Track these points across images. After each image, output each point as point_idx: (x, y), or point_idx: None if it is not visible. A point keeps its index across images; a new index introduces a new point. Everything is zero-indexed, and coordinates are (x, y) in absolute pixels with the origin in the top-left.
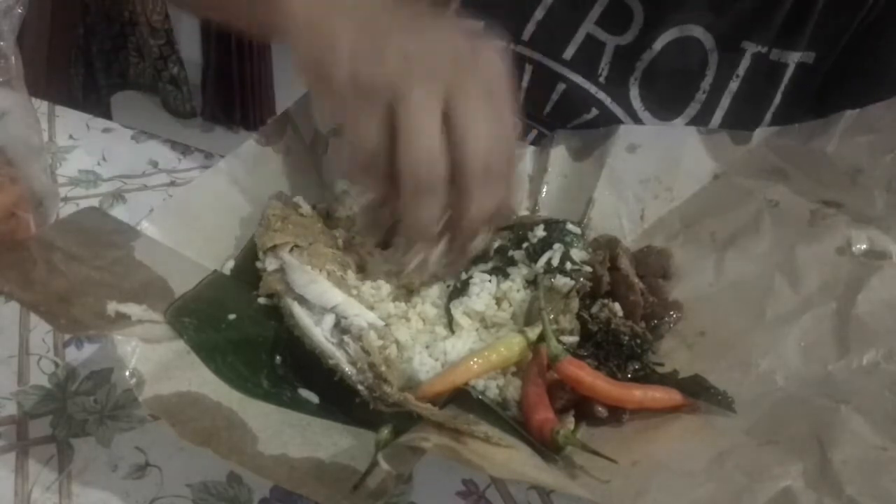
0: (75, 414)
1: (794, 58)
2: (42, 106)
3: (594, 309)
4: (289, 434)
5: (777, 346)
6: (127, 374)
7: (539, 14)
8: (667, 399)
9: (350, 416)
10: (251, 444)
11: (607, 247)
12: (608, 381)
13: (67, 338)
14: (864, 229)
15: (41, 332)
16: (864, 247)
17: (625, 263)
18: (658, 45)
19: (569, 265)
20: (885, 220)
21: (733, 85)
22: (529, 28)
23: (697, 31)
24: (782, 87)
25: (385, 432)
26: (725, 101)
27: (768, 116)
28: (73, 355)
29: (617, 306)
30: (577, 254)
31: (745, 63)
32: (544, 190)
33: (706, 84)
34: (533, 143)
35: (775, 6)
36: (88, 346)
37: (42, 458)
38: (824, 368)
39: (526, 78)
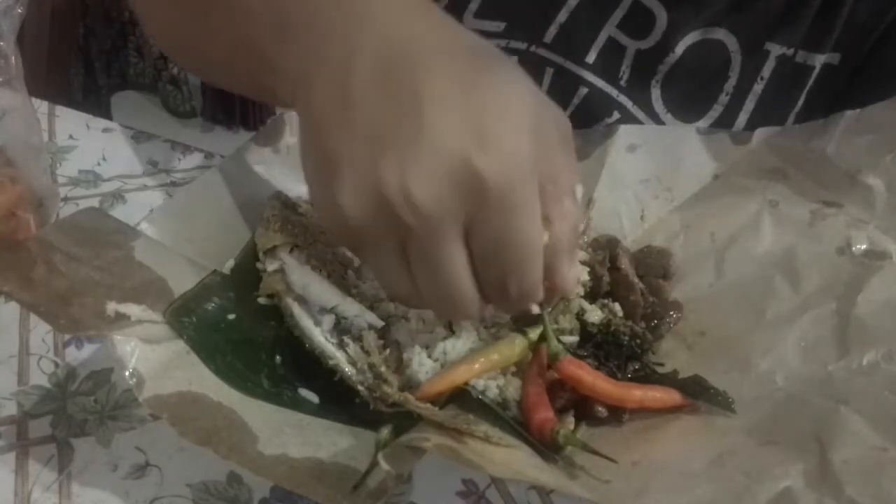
0: (75, 414)
1: (819, 60)
2: (42, 106)
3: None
4: (289, 434)
5: (777, 347)
6: (127, 374)
7: (562, 16)
8: (667, 399)
9: (350, 416)
10: (251, 444)
11: (607, 247)
12: (608, 381)
13: (67, 338)
14: (864, 229)
15: (41, 332)
16: (864, 247)
17: (625, 263)
18: (680, 48)
19: None
20: (885, 220)
21: (757, 87)
22: (552, 31)
23: (720, 33)
24: (807, 90)
25: (385, 432)
26: (750, 104)
27: (791, 118)
28: (73, 355)
29: (617, 306)
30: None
31: (769, 65)
32: None
33: (729, 86)
34: None
35: (801, 8)
36: (88, 346)
37: (42, 458)
38: (824, 369)
39: (546, 81)
